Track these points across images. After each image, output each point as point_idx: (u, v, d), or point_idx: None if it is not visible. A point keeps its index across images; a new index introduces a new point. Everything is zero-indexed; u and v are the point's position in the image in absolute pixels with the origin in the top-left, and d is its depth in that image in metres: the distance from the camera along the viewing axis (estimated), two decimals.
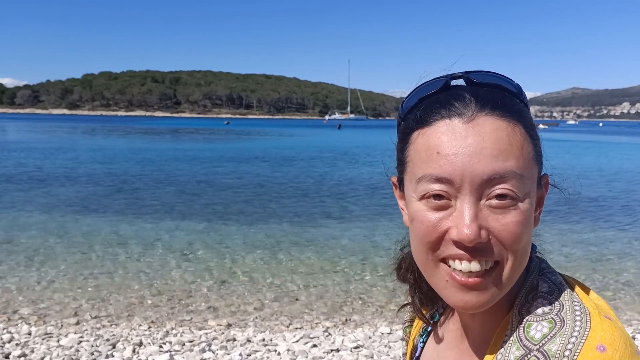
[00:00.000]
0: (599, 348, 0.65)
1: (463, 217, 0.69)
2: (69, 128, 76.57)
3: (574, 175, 1.10)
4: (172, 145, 42.17)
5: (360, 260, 8.46)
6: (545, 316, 0.72)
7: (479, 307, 0.73)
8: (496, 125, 0.71)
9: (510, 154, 0.70)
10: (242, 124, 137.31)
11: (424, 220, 0.73)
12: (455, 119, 0.72)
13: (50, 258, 8.25)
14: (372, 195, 15.67)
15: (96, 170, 21.15)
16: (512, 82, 0.78)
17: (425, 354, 0.95)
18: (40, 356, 4.78)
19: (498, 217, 0.70)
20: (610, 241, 9.89)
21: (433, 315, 0.96)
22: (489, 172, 0.69)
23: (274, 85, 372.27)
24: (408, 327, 1.05)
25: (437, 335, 0.94)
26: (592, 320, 0.69)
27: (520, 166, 0.71)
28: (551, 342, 0.69)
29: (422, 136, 0.75)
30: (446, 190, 0.71)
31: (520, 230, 0.70)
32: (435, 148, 0.72)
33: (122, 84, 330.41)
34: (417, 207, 0.74)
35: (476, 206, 0.70)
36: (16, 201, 13.42)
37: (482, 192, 0.70)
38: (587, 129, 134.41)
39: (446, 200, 0.71)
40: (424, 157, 0.73)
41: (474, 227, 0.69)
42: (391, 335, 5.46)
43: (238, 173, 21.54)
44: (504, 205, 0.70)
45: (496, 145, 0.70)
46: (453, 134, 0.71)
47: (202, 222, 11.26)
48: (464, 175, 0.69)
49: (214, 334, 5.48)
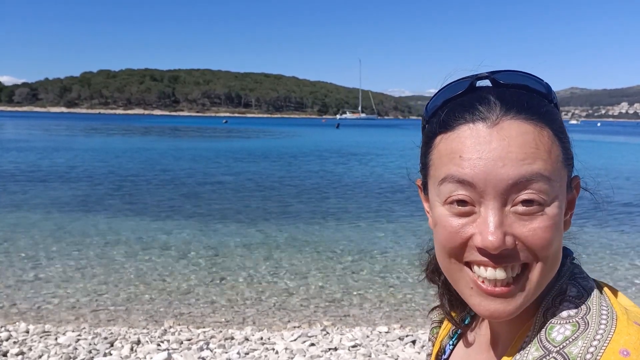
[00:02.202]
0: (622, 352, 0.62)
1: (487, 223, 0.67)
2: (67, 126, 76.46)
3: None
4: (170, 143, 42.13)
5: (358, 259, 8.47)
6: (570, 319, 0.69)
7: (506, 316, 0.70)
8: (522, 129, 0.69)
9: (538, 157, 0.67)
10: (240, 123, 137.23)
11: (447, 225, 0.71)
12: (479, 124, 0.70)
13: (48, 256, 8.25)
14: (370, 194, 15.67)
15: (94, 169, 21.13)
16: (541, 82, 0.75)
17: (455, 356, 0.94)
18: (38, 354, 4.78)
19: (525, 223, 0.67)
20: None
21: (464, 318, 0.94)
22: (514, 176, 0.66)
23: (273, 84, 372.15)
24: (436, 327, 1.02)
25: (467, 339, 0.92)
26: (618, 324, 0.66)
27: (549, 169, 0.68)
28: (573, 344, 0.66)
29: (445, 141, 0.72)
30: (469, 195, 0.69)
31: (549, 235, 0.68)
32: (458, 152, 0.70)
33: (120, 82, 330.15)
34: (441, 212, 0.72)
35: (501, 212, 0.67)
36: (14, 199, 13.41)
37: (507, 198, 0.67)
38: (586, 129, 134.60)
39: (470, 207, 0.69)
40: (446, 161, 0.71)
41: (498, 234, 0.66)
42: (389, 334, 5.47)
43: (236, 171, 21.53)
44: (530, 211, 0.67)
45: (522, 149, 0.67)
46: (477, 138, 0.69)
47: (200, 221, 11.25)
48: (487, 179, 0.67)
49: (212, 333, 5.49)
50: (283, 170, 22.58)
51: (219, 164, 24.58)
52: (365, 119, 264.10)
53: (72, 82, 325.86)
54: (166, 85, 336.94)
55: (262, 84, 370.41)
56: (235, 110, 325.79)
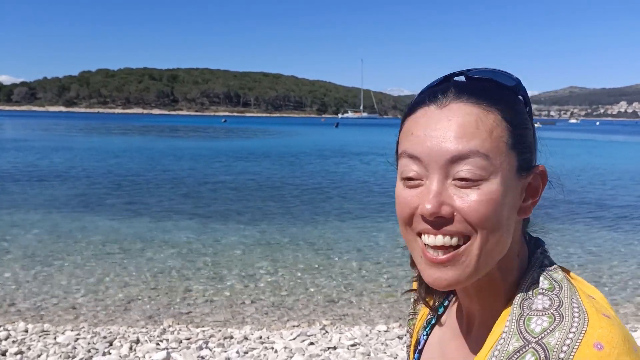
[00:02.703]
0: (596, 346, 0.66)
1: (428, 192, 0.75)
2: (66, 126, 76.37)
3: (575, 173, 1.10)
4: (170, 143, 42.10)
5: (358, 258, 8.47)
6: (546, 311, 0.73)
7: (447, 284, 0.76)
8: (467, 110, 0.75)
9: (476, 136, 0.74)
10: (239, 122, 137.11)
11: (399, 197, 0.79)
12: (432, 105, 0.78)
13: (47, 255, 8.24)
14: (369, 193, 15.68)
15: (93, 168, 21.12)
16: (511, 77, 0.81)
17: (428, 345, 0.97)
18: (37, 354, 4.78)
19: (462, 195, 0.74)
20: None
21: (437, 308, 0.98)
22: (452, 151, 0.73)
23: (272, 83, 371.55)
24: (412, 319, 1.07)
25: (441, 326, 0.96)
26: (590, 318, 0.70)
27: (486, 147, 0.74)
28: (550, 335, 0.70)
29: (407, 123, 0.81)
30: (418, 170, 0.76)
31: (484, 209, 0.73)
32: (412, 130, 0.78)
33: (119, 81, 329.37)
34: (398, 187, 0.80)
35: (441, 184, 0.74)
36: (13, 199, 13.39)
37: (448, 172, 0.74)
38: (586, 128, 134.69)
39: (419, 181, 0.77)
40: (403, 138, 0.80)
41: (434, 202, 0.73)
42: (388, 333, 5.47)
43: (236, 171, 21.53)
44: (467, 185, 0.74)
45: (463, 128, 0.74)
46: (428, 118, 0.77)
47: (200, 220, 11.25)
48: (430, 154, 0.75)
49: (211, 332, 5.49)
50: (283, 169, 22.58)
51: (218, 163, 24.57)
52: (366, 117, 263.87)
53: (71, 81, 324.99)
54: (165, 85, 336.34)
55: (261, 83, 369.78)
56: (234, 109, 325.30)
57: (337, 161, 27.27)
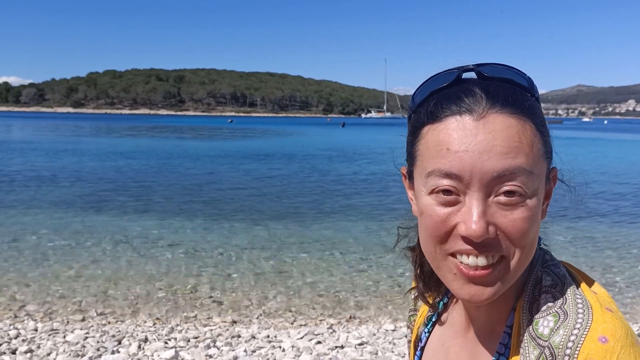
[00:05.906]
0: (601, 339, 0.67)
1: (471, 213, 0.70)
2: (74, 127, 76.85)
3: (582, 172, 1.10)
4: (177, 143, 42.25)
5: (365, 257, 8.47)
6: (549, 310, 0.74)
7: (484, 300, 0.74)
8: (507, 122, 0.71)
9: (520, 151, 0.71)
10: (246, 122, 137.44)
11: (433, 214, 0.74)
12: (466, 116, 0.72)
13: (55, 255, 8.30)
14: (376, 192, 15.65)
15: (101, 168, 21.24)
16: (524, 76, 0.78)
17: (430, 343, 0.97)
18: (46, 352, 4.82)
19: (506, 213, 0.71)
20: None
21: (438, 304, 0.98)
22: (498, 169, 0.70)
23: (278, 83, 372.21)
24: (412, 315, 1.07)
25: (442, 324, 0.96)
26: (593, 312, 0.71)
27: (530, 163, 0.71)
28: (555, 334, 0.71)
29: (433, 132, 0.75)
30: (455, 186, 0.71)
31: (527, 226, 0.71)
32: (446, 144, 0.72)
33: (126, 82, 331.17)
34: (427, 201, 0.75)
35: (484, 202, 0.71)
36: (22, 199, 13.50)
37: (491, 189, 0.70)
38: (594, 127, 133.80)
39: (455, 196, 0.72)
40: (433, 153, 0.74)
41: (481, 224, 0.69)
42: (395, 332, 5.47)
43: (242, 171, 21.58)
44: (512, 202, 0.70)
45: (506, 142, 0.70)
46: (463, 131, 0.71)
47: (207, 220, 11.29)
48: (473, 172, 0.70)
49: (218, 331, 5.51)
50: (288, 168, 22.59)
51: (226, 164, 24.63)
52: (390, 117, 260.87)
53: (79, 82, 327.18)
54: (172, 85, 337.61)
55: (267, 83, 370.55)
56: (240, 109, 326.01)
57: (344, 159, 27.25)
